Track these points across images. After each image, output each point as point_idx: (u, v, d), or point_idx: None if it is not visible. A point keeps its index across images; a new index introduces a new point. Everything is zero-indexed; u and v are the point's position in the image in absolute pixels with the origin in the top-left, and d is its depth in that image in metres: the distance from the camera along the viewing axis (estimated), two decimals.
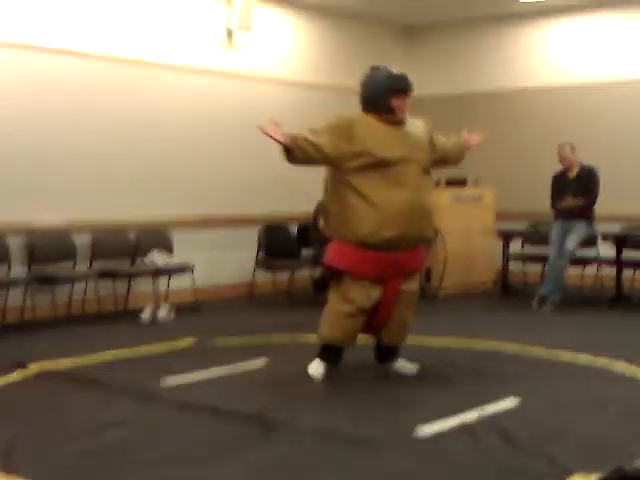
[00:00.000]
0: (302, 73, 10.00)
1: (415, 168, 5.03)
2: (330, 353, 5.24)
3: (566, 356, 5.82)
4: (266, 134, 4.97)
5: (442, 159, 5.41)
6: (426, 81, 11.07)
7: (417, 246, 5.12)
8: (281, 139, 4.97)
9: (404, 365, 5.35)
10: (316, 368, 5.22)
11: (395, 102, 5.05)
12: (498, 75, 10.56)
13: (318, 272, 8.79)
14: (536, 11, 10.18)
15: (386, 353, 5.38)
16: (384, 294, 5.06)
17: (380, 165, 4.93)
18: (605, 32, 9.94)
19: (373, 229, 4.92)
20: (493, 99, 10.49)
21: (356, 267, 5.01)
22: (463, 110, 10.43)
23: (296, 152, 5.00)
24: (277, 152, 5.23)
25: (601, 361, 5.63)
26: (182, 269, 8.03)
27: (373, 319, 5.16)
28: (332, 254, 5.13)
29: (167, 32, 8.60)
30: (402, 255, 5.03)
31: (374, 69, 5.28)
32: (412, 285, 5.22)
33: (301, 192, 9.34)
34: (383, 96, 5.06)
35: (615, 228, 8.83)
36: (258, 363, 5.67)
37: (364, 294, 5.03)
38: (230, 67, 9.18)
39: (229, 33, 9.17)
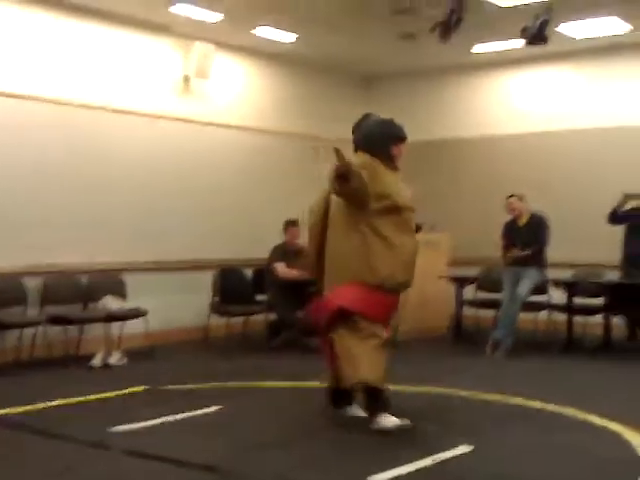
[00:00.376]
0: (259, 119, 10.07)
1: (413, 216, 5.20)
2: (379, 398, 5.02)
3: (518, 402, 5.85)
4: (339, 156, 4.78)
5: None
6: None
7: None
8: (350, 166, 4.83)
9: (358, 411, 5.31)
10: (392, 420, 4.97)
11: (395, 150, 5.22)
12: (455, 123, 10.75)
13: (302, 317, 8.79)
14: (490, 62, 10.42)
15: (345, 396, 5.35)
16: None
17: (395, 211, 5.04)
18: (558, 83, 10.21)
19: (391, 272, 4.99)
20: (450, 147, 10.67)
21: (372, 310, 5.02)
22: (420, 157, 10.55)
23: (354, 181, 4.86)
24: (233, 196, 5.19)
25: (552, 407, 5.67)
26: (135, 314, 7.95)
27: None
28: (347, 297, 5.00)
29: (125, 78, 8.63)
30: (398, 299, 5.21)
31: (369, 117, 5.41)
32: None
33: (256, 237, 9.36)
34: (386, 143, 5.19)
35: (566, 274, 8.96)
36: (211, 410, 5.61)
37: (381, 329, 5.08)
38: (186, 113, 9.22)
39: (186, 80, 9.23)
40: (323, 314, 5.08)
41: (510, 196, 8.62)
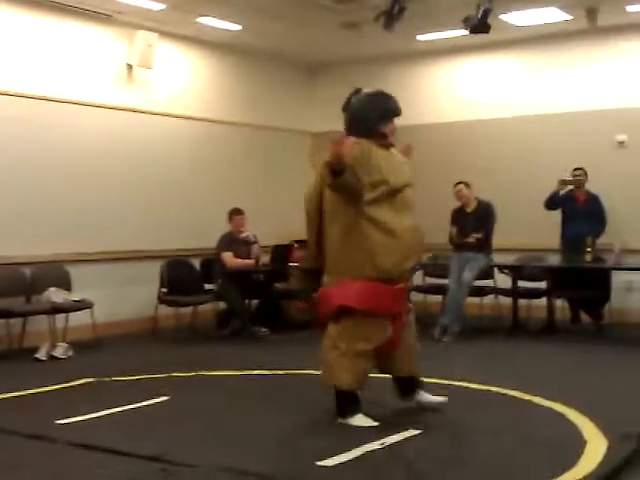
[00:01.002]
0: (204, 109, 10.00)
1: (411, 192, 4.87)
2: (351, 402, 4.85)
3: (465, 385, 5.93)
4: (337, 145, 4.46)
5: None
6: (328, 118, 11.23)
7: None
8: (342, 160, 4.50)
9: (430, 397, 5.12)
10: (361, 419, 4.82)
11: (387, 128, 4.86)
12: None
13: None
14: (434, 50, 10.49)
15: (409, 385, 5.13)
16: (394, 327, 4.85)
17: (392, 194, 4.71)
18: (498, 71, 10.34)
19: (397, 260, 4.69)
20: (396, 135, 10.69)
21: (379, 305, 4.71)
22: None
23: (348, 175, 4.55)
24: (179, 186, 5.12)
25: (497, 389, 5.76)
26: (81, 306, 7.85)
27: (381, 354, 4.91)
28: (348, 294, 4.70)
29: (67, 67, 8.51)
30: (404, 285, 4.91)
31: (358, 93, 5.00)
32: (411, 315, 5.08)
33: (204, 227, 9.31)
34: (376, 123, 4.82)
35: (511, 259, 9.10)
36: (158, 401, 5.57)
37: (382, 330, 4.78)
38: (131, 103, 9.12)
39: (130, 69, 9.13)
40: (324, 310, 4.86)
41: (458, 183, 8.72)
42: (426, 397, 5.11)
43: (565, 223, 8.92)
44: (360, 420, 4.80)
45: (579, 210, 8.80)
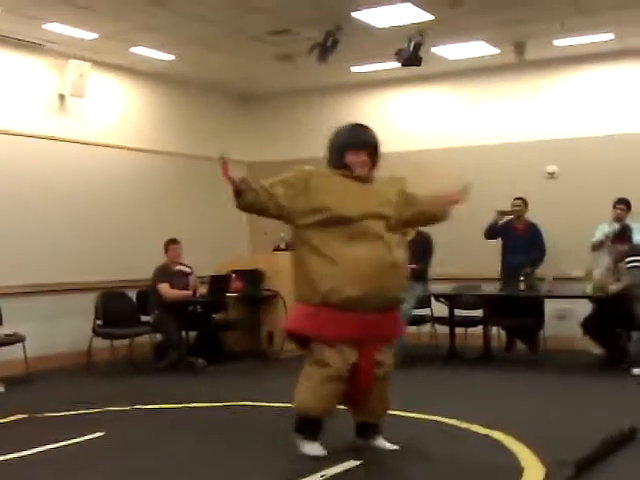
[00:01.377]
0: (138, 139, 9.94)
1: (380, 224, 4.74)
2: (307, 425, 4.77)
3: (402, 414, 5.93)
4: (224, 169, 4.61)
5: (418, 215, 5.13)
6: (263, 147, 11.29)
7: (390, 309, 4.77)
8: (235, 179, 4.62)
9: (385, 443, 4.96)
10: (310, 447, 4.75)
11: (350, 158, 4.84)
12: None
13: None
14: (369, 82, 10.63)
15: (371, 430, 4.98)
16: (360, 361, 4.69)
17: (340, 222, 4.65)
18: (431, 103, 10.53)
19: (334, 286, 4.58)
20: (323, 165, 10.75)
21: (322, 330, 4.66)
22: None
23: (247, 195, 4.65)
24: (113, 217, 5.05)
25: (435, 417, 5.79)
26: (12, 340, 7.67)
27: (351, 390, 4.78)
28: (293, 319, 4.83)
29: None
30: (373, 317, 4.67)
31: (340, 127, 5.10)
32: (388, 360, 4.86)
33: (139, 257, 9.21)
34: (338, 152, 4.90)
35: (448, 288, 9.20)
36: (93, 436, 5.45)
37: (340, 357, 4.65)
38: (63, 133, 9.01)
39: (62, 99, 9.03)
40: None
41: None
42: (381, 443, 4.98)
43: (505, 253, 9.08)
44: (311, 448, 4.76)
45: (518, 239, 8.96)
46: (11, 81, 8.52)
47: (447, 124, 10.41)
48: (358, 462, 4.64)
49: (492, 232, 9.05)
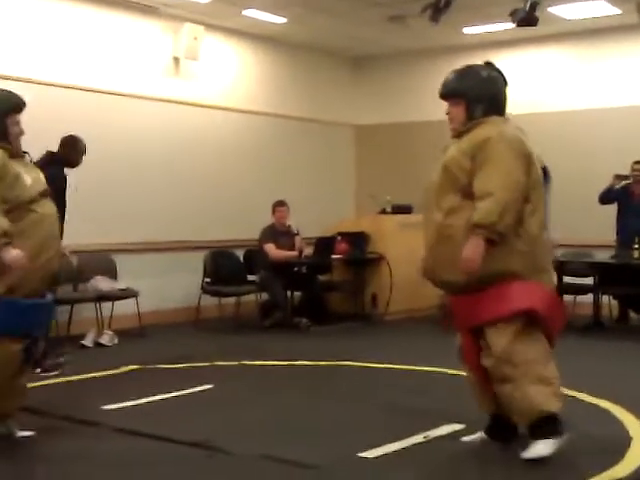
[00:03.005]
0: (248, 102, 10.04)
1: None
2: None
3: None
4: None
5: None
6: (373, 110, 11.24)
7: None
8: None
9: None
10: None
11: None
12: (441, 105, 10.67)
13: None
14: (481, 43, 10.38)
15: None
16: None
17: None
18: (543, 65, 10.22)
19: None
20: (436, 128, 10.55)
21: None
22: (411, 139, 10.59)
23: None
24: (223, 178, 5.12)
25: None
26: (126, 294, 7.95)
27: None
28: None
29: (114, 60, 8.60)
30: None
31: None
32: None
33: (247, 218, 9.36)
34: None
35: (556, 255, 8.99)
36: (202, 389, 5.62)
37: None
38: (177, 95, 9.19)
39: (176, 61, 9.20)
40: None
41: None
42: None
43: (621, 219, 8.73)
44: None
45: (636, 205, 8.62)
46: (127, 44, 8.73)
47: (563, 87, 10.07)
48: (461, 425, 4.63)
49: (607, 197, 8.73)
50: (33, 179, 4.28)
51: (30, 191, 4.20)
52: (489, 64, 4.48)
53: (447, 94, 4.40)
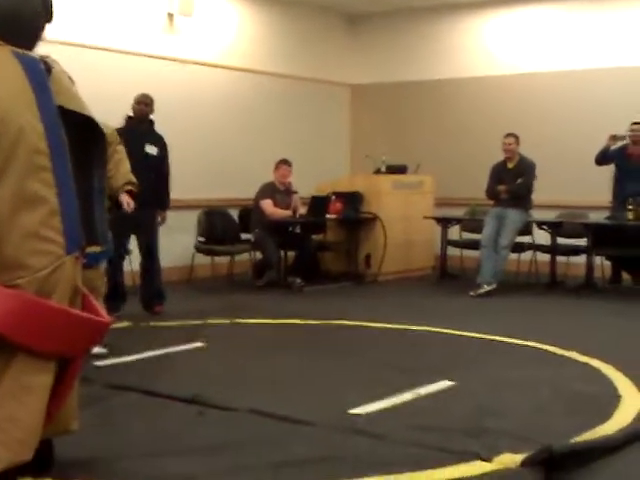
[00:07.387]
0: (243, 59, 9.93)
1: None
2: None
3: (500, 339, 5.91)
4: None
5: None
6: (369, 69, 11.14)
7: None
8: None
9: None
10: None
11: None
12: (439, 64, 10.61)
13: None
14: (481, 1, 10.27)
15: None
16: None
17: None
18: (541, 24, 10.09)
19: None
20: (435, 87, 10.56)
21: None
22: (406, 98, 10.52)
23: None
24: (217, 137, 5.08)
25: (534, 344, 5.72)
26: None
27: None
28: None
29: (106, 16, 8.47)
30: None
31: None
32: None
33: (242, 177, 9.31)
34: None
35: (552, 215, 8.99)
36: (194, 346, 5.63)
37: None
38: (170, 52, 9.08)
39: (170, 17, 9.09)
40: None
41: (509, 135, 8.52)
42: None
43: (618, 181, 8.62)
44: None
45: (633, 167, 8.55)
46: (119, 0, 8.61)
47: (561, 46, 9.90)
48: (452, 382, 4.65)
49: (603, 158, 8.65)
50: None
51: None
52: None
53: None
